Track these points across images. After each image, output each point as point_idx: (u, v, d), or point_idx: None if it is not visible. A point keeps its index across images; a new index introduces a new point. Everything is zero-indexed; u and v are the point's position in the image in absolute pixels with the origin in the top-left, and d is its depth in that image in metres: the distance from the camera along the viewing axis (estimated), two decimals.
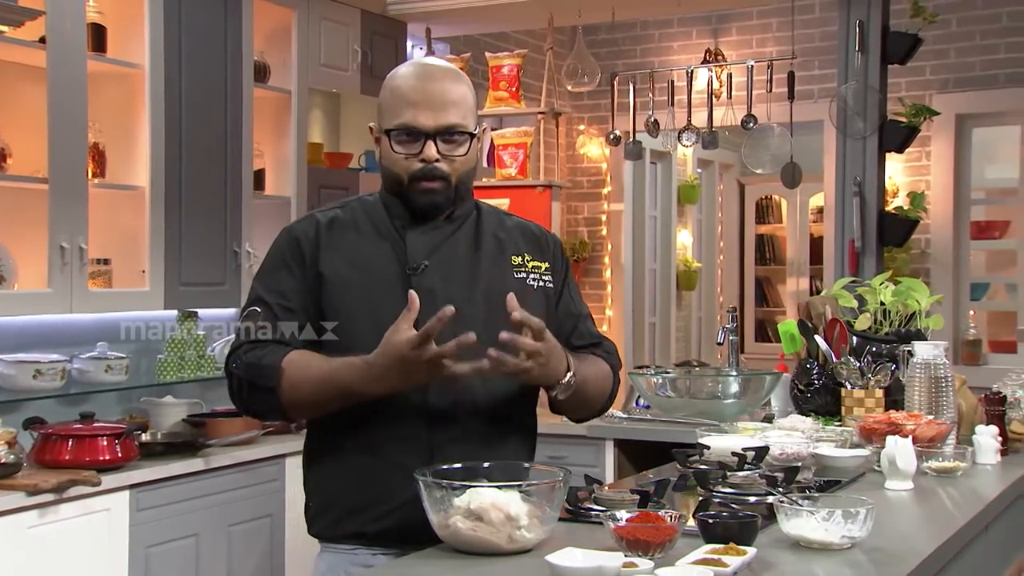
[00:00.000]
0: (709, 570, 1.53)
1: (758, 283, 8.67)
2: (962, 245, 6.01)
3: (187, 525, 3.64)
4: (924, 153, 5.82)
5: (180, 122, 3.94)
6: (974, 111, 5.85)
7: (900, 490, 2.25)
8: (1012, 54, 5.82)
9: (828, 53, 5.93)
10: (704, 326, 7.95)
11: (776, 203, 8.78)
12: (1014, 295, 6.63)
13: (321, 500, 2.06)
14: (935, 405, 2.67)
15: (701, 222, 7.96)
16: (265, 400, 1.96)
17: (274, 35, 4.47)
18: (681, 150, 7.33)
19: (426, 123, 1.98)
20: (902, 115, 4.40)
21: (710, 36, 6.43)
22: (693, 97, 5.49)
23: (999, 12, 5.85)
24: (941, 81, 5.91)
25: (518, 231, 2.15)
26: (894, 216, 4.30)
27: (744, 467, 2.30)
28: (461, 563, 1.71)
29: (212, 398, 4.34)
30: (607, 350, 2.17)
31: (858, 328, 3.10)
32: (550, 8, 5.00)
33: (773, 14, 6.26)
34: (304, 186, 4.49)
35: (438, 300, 1.96)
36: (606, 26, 6.23)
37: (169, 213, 3.90)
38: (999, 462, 2.62)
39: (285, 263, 2.04)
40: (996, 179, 6.65)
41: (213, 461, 3.73)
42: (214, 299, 4.14)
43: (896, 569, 1.67)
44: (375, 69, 4.87)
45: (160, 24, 3.86)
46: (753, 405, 3.24)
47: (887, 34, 4.34)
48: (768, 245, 8.76)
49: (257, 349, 1.97)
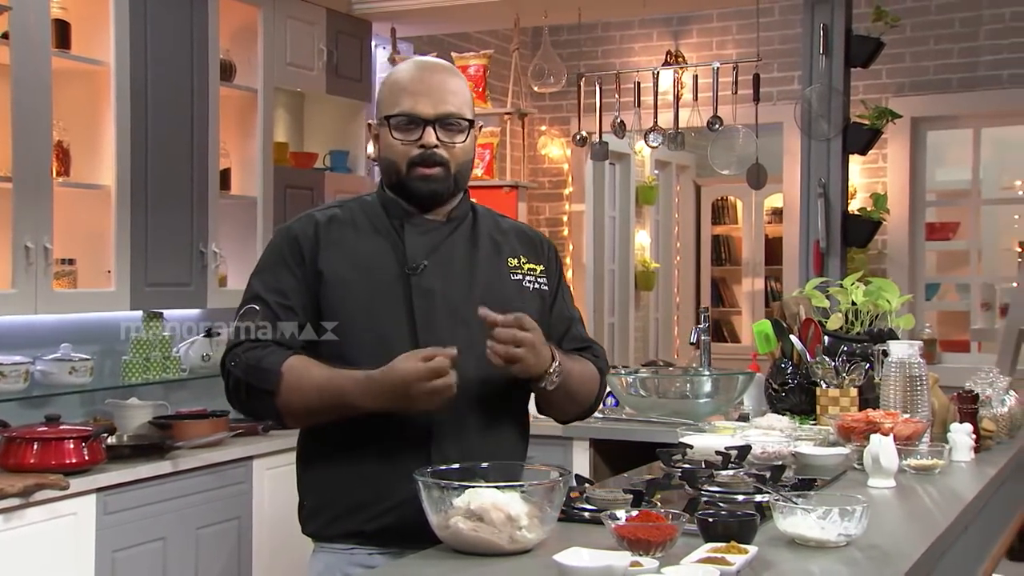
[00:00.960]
0: (715, 568, 1.54)
1: (714, 283, 8.74)
2: (917, 246, 6.11)
3: (154, 528, 3.60)
4: (881, 155, 5.91)
5: (146, 120, 3.89)
6: (928, 114, 5.96)
7: (883, 488, 2.28)
8: (964, 59, 5.93)
9: (788, 56, 6.01)
10: (661, 326, 8.00)
11: (732, 204, 8.86)
12: (965, 295, 6.76)
13: (317, 499, 2.04)
14: (910, 403, 2.72)
15: (659, 223, 8.01)
16: (262, 403, 1.95)
17: (239, 33, 4.43)
18: (640, 151, 7.38)
19: (425, 110, 2.00)
20: (865, 117, 4.46)
21: (671, 38, 6.48)
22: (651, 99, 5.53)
23: (952, 18, 5.96)
24: (897, 85, 6.00)
25: (513, 233, 2.16)
26: (857, 217, 4.36)
27: (728, 466, 2.32)
28: (463, 564, 1.70)
29: (177, 400, 4.30)
30: (596, 353, 2.19)
31: (830, 328, 3.14)
32: (516, 8, 5.00)
33: (733, 17, 6.32)
34: (271, 186, 4.45)
35: (437, 300, 1.97)
36: (568, 27, 6.25)
37: (135, 213, 3.84)
38: (973, 459, 2.67)
39: (284, 261, 2.02)
40: (945, 181, 6.78)
41: (181, 464, 3.69)
42: (180, 300, 4.09)
43: (895, 567, 1.70)
44: (340, 69, 4.85)
45: (125, 21, 3.80)
46: (727, 405, 3.26)
47: (850, 37, 4.40)
48: (724, 246, 8.84)
49: (257, 349, 1.96)
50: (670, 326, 8.11)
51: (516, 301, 2.05)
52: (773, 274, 8.61)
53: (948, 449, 2.56)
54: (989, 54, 5.87)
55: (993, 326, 6.20)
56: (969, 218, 6.49)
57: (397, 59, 5.23)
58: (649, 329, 7.86)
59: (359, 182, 5.02)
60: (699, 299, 8.53)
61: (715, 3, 5.77)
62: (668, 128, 5.22)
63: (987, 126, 6.09)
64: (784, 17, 6.05)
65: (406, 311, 1.97)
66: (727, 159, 5.09)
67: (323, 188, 4.75)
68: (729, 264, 8.85)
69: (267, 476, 4.07)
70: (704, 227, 8.66)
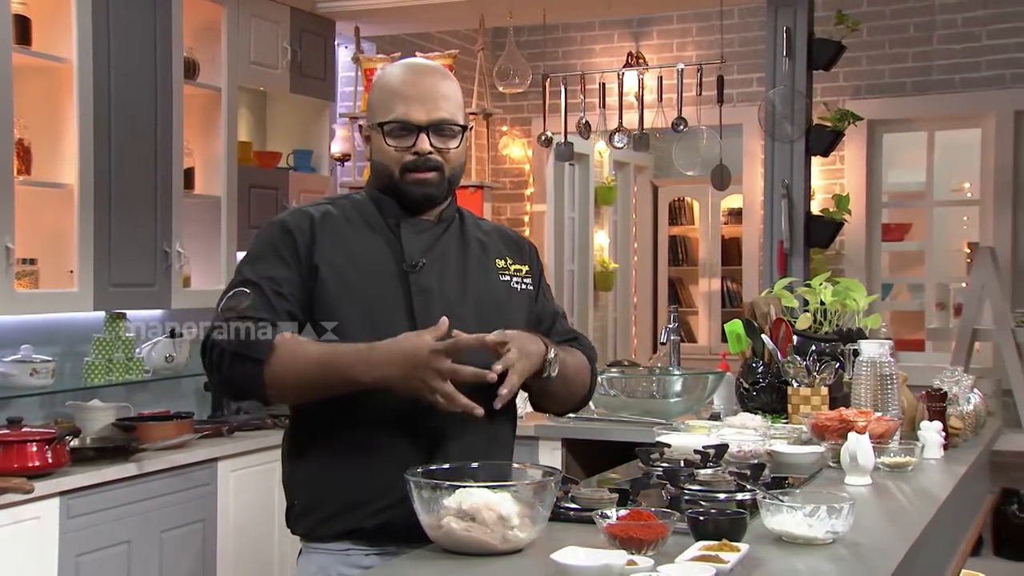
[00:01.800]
0: (711, 567, 1.55)
1: (671, 284, 8.80)
2: (874, 246, 6.20)
3: (118, 532, 3.56)
4: (839, 157, 5.98)
5: (109, 119, 3.83)
6: (884, 117, 6.04)
7: (860, 485, 2.31)
8: (918, 63, 6.03)
9: (747, 58, 6.07)
10: (619, 327, 8.04)
11: (688, 205, 8.93)
12: (917, 295, 6.87)
13: (309, 497, 2.00)
14: (881, 402, 2.76)
15: (617, 223, 8.05)
16: (247, 374, 1.88)
17: (203, 31, 4.38)
18: (598, 152, 7.41)
19: (419, 117, 1.99)
20: (827, 120, 4.52)
21: (631, 39, 6.52)
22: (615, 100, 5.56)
23: (907, 23, 6.06)
24: (854, 87, 6.09)
25: (496, 235, 2.18)
26: (820, 218, 4.42)
27: (707, 465, 2.34)
28: (456, 564, 1.70)
29: (139, 401, 4.24)
30: (583, 343, 2.21)
31: (799, 327, 3.18)
32: (481, 9, 5.00)
33: (693, 19, 6.37)
34: (235, 185, 4.41)
35: (435, 299, 1.97)
36: (529, 28, 6.26)
37: (98, 212, 3.78)
38: (942, 456, 2.71)
39: (277, 253, 1.98)
40: (896, 183, 6.88)
41: (146, 466, 3.65)
42: (144, 300, 4.04)
43: (883, 563, 1.72)
44: (304, 68, 4.82)
45: (88, 17, 3.74)
46: (698, 404, 3.29)
47: (812, 41, 4.45)
48: (681, 246, 8.91)
49: (248, 321, 1.90)
50: (628, 326, 8.15)
51: (507, 303, 2.07)
52: (730, 274, 8.70)
53: (921, 447, 2.60)
54: (942, 59, 5.97)
55: (948, 325, 6.30)
56: (921, 220, 6.59)
57: (361, 58, 5.21)
58: (608, 329, 7.89)
59: (323, 181, 5.00)
60: (656, 299, 8.59)
61: (679, 5, 5.81)
62: (633, 129, 5.25)
63: (940, 129, 6.20)
64: (743, 20, 6.11)
65: (405, 308, 1.96)
66: (691, 160, 5.13)
67: (287, 188, 4.72)
68: (686, 264, 8.91)
69: (232, 478, 4.03)
70: (661, 228, 8.72)
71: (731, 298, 8.71)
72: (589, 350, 2.21)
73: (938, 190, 6.50)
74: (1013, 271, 5.85)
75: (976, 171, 6.24)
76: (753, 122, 6.17)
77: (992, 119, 5.90)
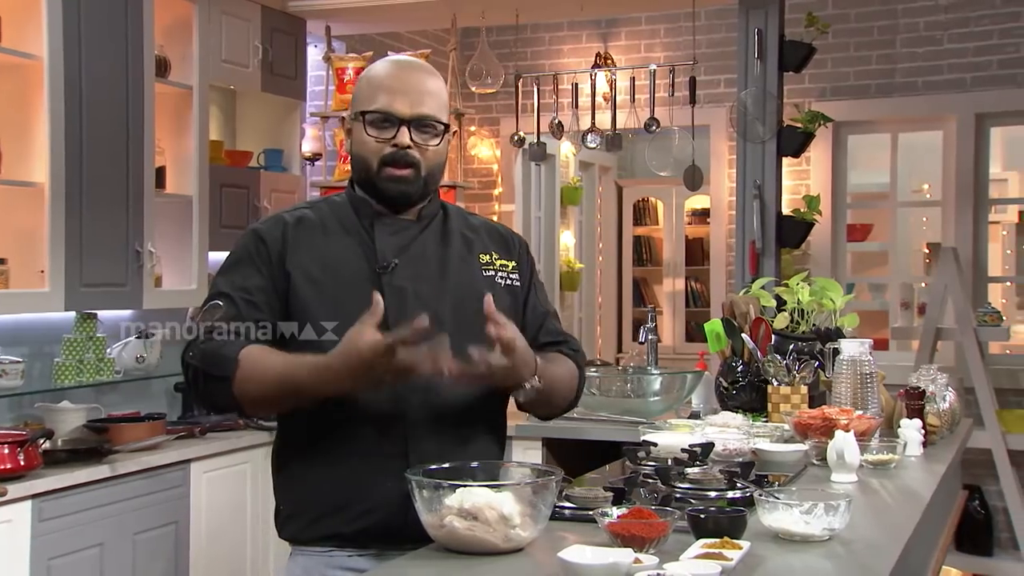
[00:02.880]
0: (716, 564, 1.56)
1: (635, 284, 8.84)
2: (839, 247, 6.27)
3: (91, 535, 3.52)
4: (805, 158, 6.04)
5: (80, 116, 3.78)
6: (849, 119, 6.11)
7: (846, 483, 2.33)
8: (881, 65, 6.10)
9: (715, 60, 6.12)
10: (585, 326, 8.06)
11: (653, 205, 8.97)
12: (877, 295, 6.96)
13: (294, 502, 2.01)
14: (861, 400, 2.79)
15: (582, 224, 8.07)
16: (219, 391, 1.90)
17: (174, 29, 4.33)
18: (564, 153, 7.43)
19: (402, 110, 1.98)
20: (797, 121, 4.57)
21: (600, 40, 6.54)
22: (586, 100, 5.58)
23: (870, 26, 6.13)
24: (819, 89, 6.15)
25: (484, 230, 2.16)
26: (791, 218, 4.46)
27: (695, 463, 2.35)
28: (460, 563, 1.70)
29: (109, 403, 4.19)
30: (573, 348, 2.20)
31: (777, 326, 3.20)
32: (453, 8, 5.00)
33: (661, 20, 6.40)
34: (206, 185, 4.37)
35: (408, 299, 1.96)
36: (497, 28, 6.26)
37: (69, 211, 3.73)
38: (922, 453, 2.75)
39: (251, 261, 1.99)
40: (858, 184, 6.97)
41: (119, 468, 3.61)
42: (116, 300, 3.99)
43: (881, 559, 1.74)
44: (275, 66, 4.79)
45: (58, 14, 3.69)
46: (677, 403, 3.31)
47: (783, 43, 4.49)
48: (645, 246, 8.95)
49: (215, 341, 1.91)
50: (593, 326, 8.17)
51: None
52: (693, 274, 8.75)
53: (904, 444, 2.63)
54: (905, 62, 6.05)
55: (912, 324, 6.39)
56: (884, 220, 6.67)
57: (332, 57, 5.18)
58: (573, 330, 7.90)
59: (294, 181, 4.96)
60: (621, 299, 8.62)
61: (650, 6, 5.84)
62: (606, 129, 5.27)
63: (904, 131, 6.28)
64: (710, 22, 6.15)
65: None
66: (664, 161, 5.16)
67: (259, 187, 4.69)
68: (650, 264, 8.96)
69: (205, 479, 4.00)
70: (626, 228, 8.75)
71: (695, 298, 8.77)
72: (578, 355, 2.20)
73: (899, 191, 6.58)
74: (975, 271, 5.95)
75: (934, 172, 6.33)
76: (721, 123, 6.24)
77: (954, 122, 5.99)
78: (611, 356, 8.28)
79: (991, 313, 5.56)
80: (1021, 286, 7.62)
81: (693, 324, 8.73)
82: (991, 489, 5.70)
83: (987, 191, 6.07)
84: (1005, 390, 5.78)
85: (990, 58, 5.90)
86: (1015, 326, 6.88)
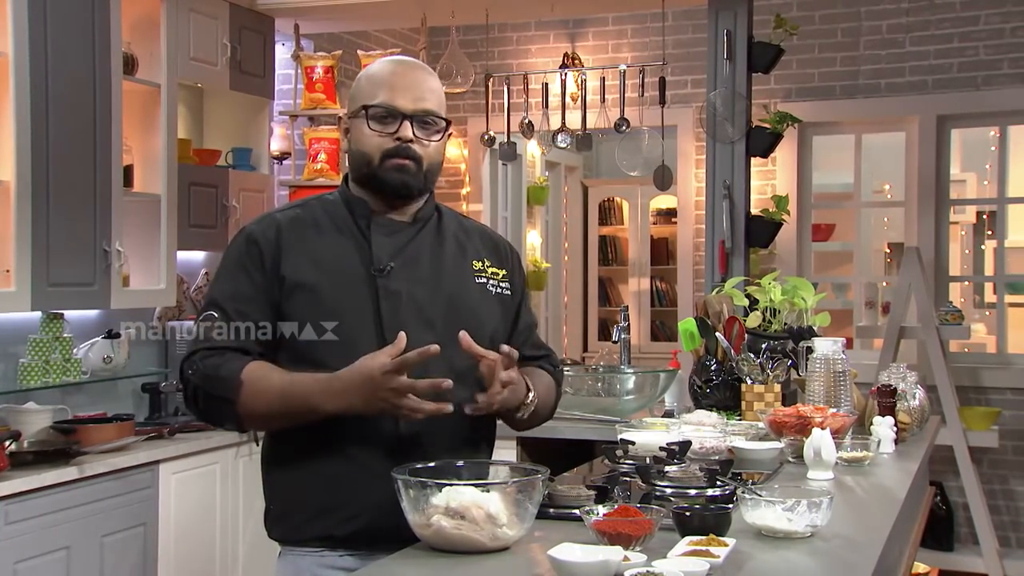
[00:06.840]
0: (704, 561, 1.57)
1: (601, 283, 8.87)
2: (804, 247, 6.32)
3: (58, 537, 3.48)
4: (772, 159, 6.09)
5: (47, 114, 3.73)
6: (814, 120, 6.17)
7: (823, 480, 2.36)
8: (845, 67, 6.17)
9: (682, 60, 6.15)
10: (551, 326, 8.08)
11: (618, 205, 9.00)
12: (839, 294, 7.03)
13: (284, 503, 2.01)
14: (834, 398, 2.82)
15: (548, 223, 8.09)
16: (221, 410, 1.93)
17: (141, 26, 4.29)
18: (530, 152, 7.44)
19: (405, 104, 1.99)
20: (766, 121, 4.60)
21: (567, 40, 6.55)
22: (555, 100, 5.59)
23: (835, 28, 6.19)
24: (785, 90, 6.20)
25: (477, 235, 2.17)
26: (760, 218, 4.49)
27: (674, 461, 2.36)
28: (448, 562, 1.69)
29: (75, 404, 4.15)
30: (552, 362, 2.23)
31: (749, 325, 3.23)
32: (423, 7, 4.99)
33: (629, 20, 6.43)
34: (175, 183, 4.33)
35: (404, 302, 1.96)
36: (464, 28, 6.25)
37: (36, 210, 3.68)
38: (895, 450, 2.78)
39: (243, 267, 1.99)
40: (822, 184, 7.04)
41: (87, 469, 3.57)
42: (83, 300, 3.94)
43: (864, 555, 1.76)
44: (244, 65, 4.75)
45: (24, 10, 3.64)
46: (650, 402, 3.32)
47: (752, 44, 4.52)
48: (610, 246, 8.98)
49: (215, 356, 1.92)
50: (559, 325, 8.19)
51: (479, 305, 2.06)
52: (659, 274, 8.80)
53: (877, 442, 2.66)
54: (869, 64, 6.12)
55: (876, 323, 6.46)
56: (848, 220, 6.74)
57: (301, 56, 5.15)
58: (540, 330, 7.91)
59: (263, 180, 4.93)
60: (587, 299, 8.64)
61: (621, 6, 5.86)
62: (576, 129, 5.28)
63: (867, 132, 6.34)
64: (677, 23, 6.18)
65: (372, 312, 1.96)
66: (634, 161, 5.18)
67: (228, 186, 4.66)
68: (615, 264, 8.99)
69: (173, 480, 3.97)
70: (591, 228, 8.78)
71: (661, 297, 8.81)
72: (558, 371, 2.23)
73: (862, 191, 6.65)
74: (936, 271, 6.02)
75: (894, 173, 6.40)
76: (687, 123, 6.28)
77: (916, 123, 6.06)
78: (577, 355, 8.31)
79: (953, 312, 5.64)
80: (979, 285, 7.72)
81: (658, 323, 8.78)
82: (952, 485, 5.78)
83: (948, 192, 6.15)
84: (966, 387, 5.86)
85: (950, 61, 5.98)
86: (974, 325, 6.97)
